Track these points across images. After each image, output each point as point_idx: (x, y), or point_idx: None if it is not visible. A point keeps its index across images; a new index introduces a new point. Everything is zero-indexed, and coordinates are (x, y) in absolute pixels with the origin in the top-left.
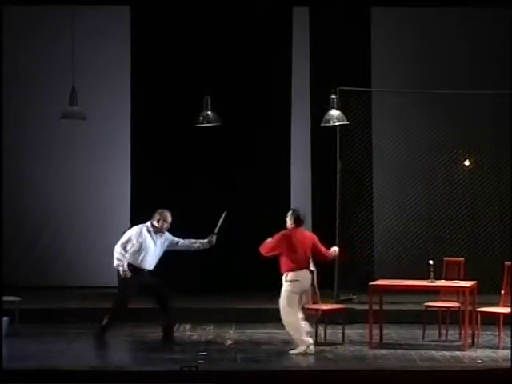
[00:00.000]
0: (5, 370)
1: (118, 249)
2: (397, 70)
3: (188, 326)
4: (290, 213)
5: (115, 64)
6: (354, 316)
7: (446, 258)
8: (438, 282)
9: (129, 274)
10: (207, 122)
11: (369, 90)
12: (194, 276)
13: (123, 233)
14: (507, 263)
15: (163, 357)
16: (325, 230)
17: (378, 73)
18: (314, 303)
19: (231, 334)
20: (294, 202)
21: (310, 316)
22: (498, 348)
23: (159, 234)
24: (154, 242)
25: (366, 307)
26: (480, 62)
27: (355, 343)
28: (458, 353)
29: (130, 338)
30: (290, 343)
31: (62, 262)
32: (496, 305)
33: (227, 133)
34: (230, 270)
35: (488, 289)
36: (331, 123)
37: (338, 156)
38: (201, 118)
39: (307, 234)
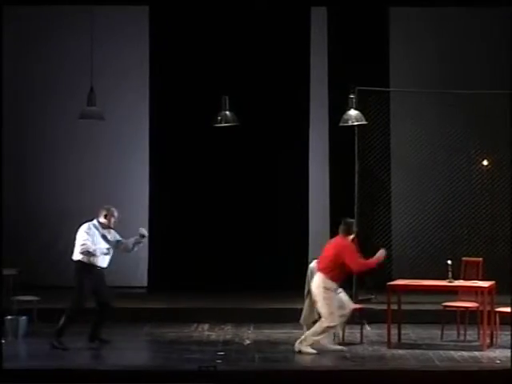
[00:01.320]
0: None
1: (77, 249)
2: (415, 69)
3: (206, 326)
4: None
5: (134, 64)
6: (373, 316)
7: (464, 258)
8: (457, 282)
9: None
10: (225, 122)
11: (387, 90)
12: (212, 275)
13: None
14: None
15: (181, 357)
16: None
17: (397, 73)
18: None
19: (249, 334)
20: (312, 203)
21: None
22: None
23: (107, 230)
24: (104, 239)
25: (385, 307)
26: (497, 61)
27: (373, 343)
28: (477, 353)
29: (148, 338)
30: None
31: None
32: None
33: (245, 133)
34: (249, 270)
35: (506, 289)
36: (349, 123)
37: (356, 156)
38: (219, 118)
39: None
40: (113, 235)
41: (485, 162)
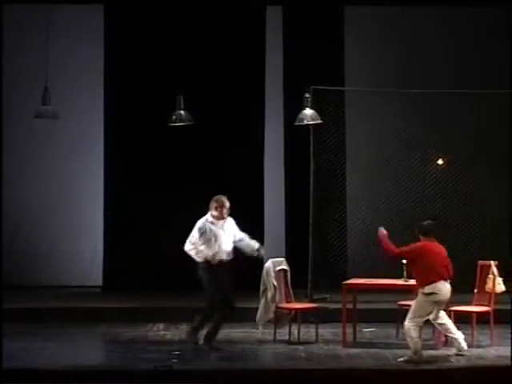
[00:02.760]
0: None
1: (186, 247)
2: (370, 69)
3: (162, 326)
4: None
5: (88, 63)
6: (328, 315)
7: None
8: (412, 281)
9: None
10: (180, 121)
11: (342, 89)
12: (168, 275)
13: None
14: (480, 262)
15: (137, 356)
16: (298, 229)
17: (352, 72)
18: (287, 302)
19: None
20: (268, 201)
21: (282, 315)
22: (471, 346)
23: (222, 221)
24: (222, 230)
25: (340, 306)
26: (453, 61)
27: (329, 342)
28: (432, 351)
29: (103, 338)
30: (265, 342)
31: (37, 261)
32: (470, 304)
33: (200, 132)
34: None
35: (460, 288)
36: (305, 122)
37: (311, 155)
38: (174, 117)
39: (439, 246)
40: (230, 225)
41: (440, 162)
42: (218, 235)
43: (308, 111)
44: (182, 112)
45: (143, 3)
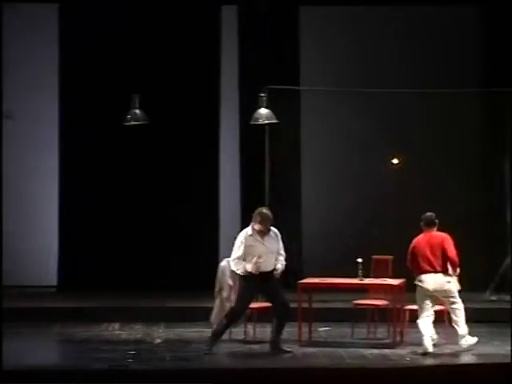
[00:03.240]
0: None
1: (233, 267)
2: (326, 69)
3: (117, 325)
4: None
5: (43, 62)
6: None
7: (374, 256)
8: (367, 280)
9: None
10: (135, 121)
11: (297, 88)
12: (123, 274)
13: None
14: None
15: (92, 356)
16: None
17: (308, 72)
18: None
19: (160, 333)
20: (223, 202)
21: None
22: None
23: (264, 236)
24: (263, 244)
25: (295, 305)
26: (409, 60)
27: (284, 341)
28: (387, 350)
29: (58, 338)
30: (220, 341)
31: None
32: None
33: (155, 131)
34: (159, 269)
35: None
36: (260, 121)
37: (266, 155)
38: (128, 116)
39: (436, 236)
40: (274, 239)
41: (396, 161)
42: (258, 249)
43: (263, 111)
44: (137, 111)
45: (99, 2)
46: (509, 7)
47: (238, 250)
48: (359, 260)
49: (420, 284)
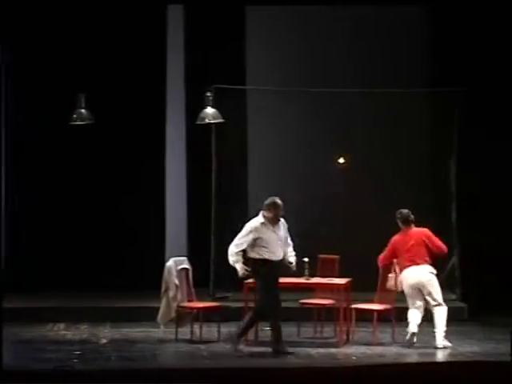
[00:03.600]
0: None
1: (231, 250)
2: (273, 68)
3: (62, 325)
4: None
5: None
6: (230, 314)
7: (320, 256)
8: (313, 280)
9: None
10: (81, 120)
11: (243, 87)
12: (68, 274)
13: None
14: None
15: (37, 356)
16: (200, 228)
17: (254, 71)
18: (189, 301)
19: (106, 333)
20: (170, 202)
21: (184, 314)
22: (372, 344)
23: (276, 224)
24: (274, 232)
25: (242, 305)
26: (356, 60)
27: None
28: (333, 349)
29: (3, 338)
30: (167, 341)
31: None
32: (370, 302)
33: (101, 131)
34: (105, 269)
35: (362, 286)
36: (206, 121)
37: (213, 154)
38: (74, 115)
39: (415, 232)
40: (283, 228)
41: (341, 160)
42: (268, 237)
43: (209, 110)
44: (83, 111)
45: (42, 0)
46: (455, 7)
47: (244, 237)
48: (305, 259)
49: (404, 278)
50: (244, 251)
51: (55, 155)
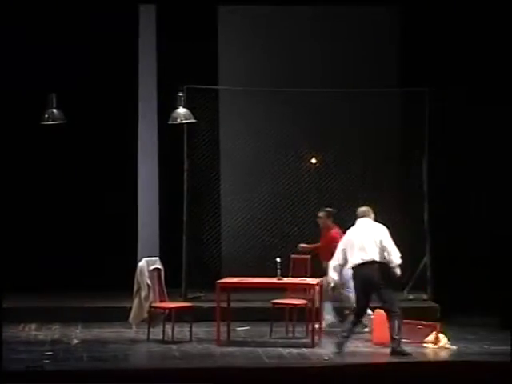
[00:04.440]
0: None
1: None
2: (244, 68)
3: (33, 326)
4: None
5: None
6: (202, 314)
7: (292, 256)
8: (286, 280)
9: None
10: (52, 120)
11: (215, 87)
12: (39, 274)
13: None
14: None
15: (8, 357)
16: (172, 228)
17: (226, 71)
18: (161, 301)
19: (77, 334)
20: (142, 202)
21: (156, 314)
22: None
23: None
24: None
25: (214, 305)
26: (328, 60)
27: (203, 341)
28: (305, 350)
29: None
30: (138, 342)
31: None
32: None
33: (73, 131)
34: (76, 269)
35: None
36: (178, 121)
37: (185, 154)
38: (46, 115)
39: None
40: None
41: (313, 160)
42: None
43: (181, 110)
44: (55, 110)
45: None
46: (424, 6)
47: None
48: (278, 259)
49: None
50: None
51: (27, 155)
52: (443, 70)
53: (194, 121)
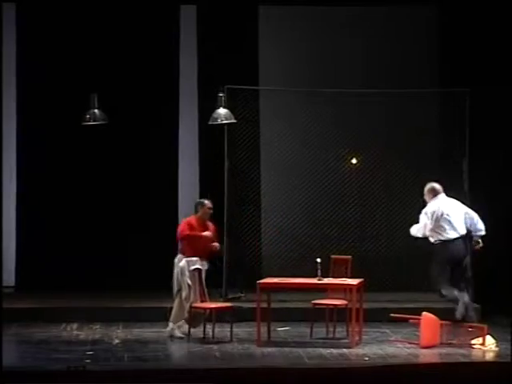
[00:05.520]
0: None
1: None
2: (285, 68)
3: (75, 326)
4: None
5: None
6: (242, 314)
7: (333, 256)
8: (326, 280)
9: None
10: (94, 121)
11: (256, 88)
12: (81, 274)
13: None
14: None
15: (50, 356)
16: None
17: (267, 71)
18: (201, 301)
19: (118, 333)
20: (182, 201)
21: (197, 314)
22: (384, 345)
23: None
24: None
25: (254, 305)
26: (367, 60)
27: (243, 341)
28: (345, 350)
29: (15, 338)
30: (177, 342)
31: None
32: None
33: (115, 131)
34: (118, 269)
35: (374, 287)
36: (219, 121)
37: (225, 154)
38: (87, 116)
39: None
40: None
41: (354, 161)
42: None
43: (222, 110)
44: (96, 111)
45: (56, 1)
46: (464, 6)
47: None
48: (318, 260)
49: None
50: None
51: (68, 156)
52: (483, 69)
53: (234, 121)
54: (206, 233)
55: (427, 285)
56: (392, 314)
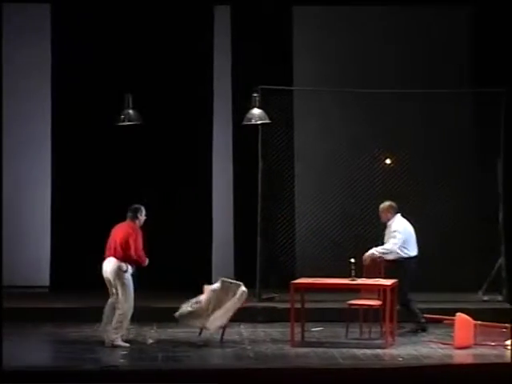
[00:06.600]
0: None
1: None
2: (319, 69)
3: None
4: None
5: (35, 62)
6: (276, 314)
7: None
8: (360, 281)
9: None
10: (128, 121)
11: (290, 88)
12: None
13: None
14: None
15: (84, 356)
16: (247, 229)
17: (300, 72)
18: None
19: (152, 333)
20: (216, 202)
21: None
22: (418, 346)
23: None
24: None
25: (288, 305)
26: (399, 61)
27: (277, 342)
28: (380, 351)
29: (50, 338)
30: (212, 342)
31: None
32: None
33: (149, 131)
34: (153, 269)
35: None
36: (253, 122)
37: (259, 155)
38: (122, 116)
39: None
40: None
41: (387, 161)
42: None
43: (256, 111)
44: (131, 111)
45: (90, 2)
46: (497, 7)
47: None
48: (352, 260)
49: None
50: None
51: (102, 156)
52: None
53: (268, 121)
54: None
55: (464, 285)
56: (426, 315)
